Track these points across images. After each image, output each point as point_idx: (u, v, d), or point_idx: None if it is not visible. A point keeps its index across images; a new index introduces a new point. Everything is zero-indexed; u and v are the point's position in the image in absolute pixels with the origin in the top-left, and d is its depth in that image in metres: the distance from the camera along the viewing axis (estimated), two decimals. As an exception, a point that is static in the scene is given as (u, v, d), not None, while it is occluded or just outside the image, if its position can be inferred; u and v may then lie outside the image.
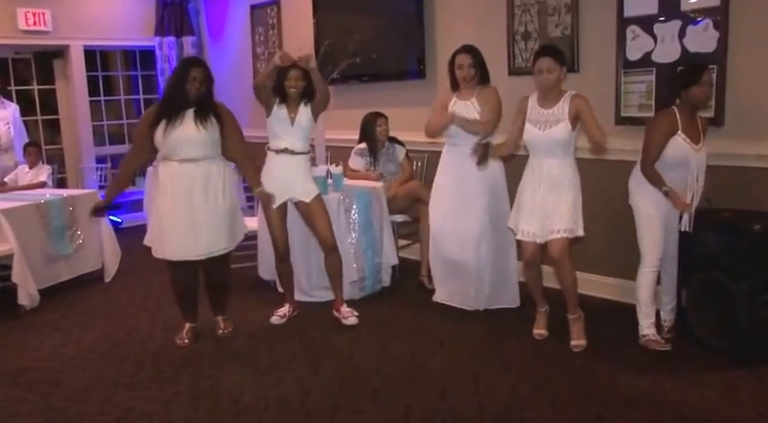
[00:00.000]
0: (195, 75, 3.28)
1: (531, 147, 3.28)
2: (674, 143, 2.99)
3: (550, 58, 3.11)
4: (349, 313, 3.71)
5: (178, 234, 3.31)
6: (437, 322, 3.67)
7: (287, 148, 3.59)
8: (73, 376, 3.17)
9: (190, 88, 3.27)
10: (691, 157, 3.00)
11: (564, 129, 3.12)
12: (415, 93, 4.80)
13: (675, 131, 2.98)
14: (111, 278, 4.74)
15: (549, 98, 3.17)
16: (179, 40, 6.75)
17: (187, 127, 3.28)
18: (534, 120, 3.20)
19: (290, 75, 3.52)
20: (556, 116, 3.14)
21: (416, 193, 4.36)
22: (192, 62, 3.37)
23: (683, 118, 2.99)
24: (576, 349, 3.19)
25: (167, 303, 4.21)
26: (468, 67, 3.59)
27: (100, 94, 6.80)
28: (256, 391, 2.93)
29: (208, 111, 3.34)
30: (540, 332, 3.41)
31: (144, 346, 3.53)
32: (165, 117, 3.28)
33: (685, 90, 2.96)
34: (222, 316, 3.68)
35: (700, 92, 2.95)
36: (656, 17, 3.52)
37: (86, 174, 6.52)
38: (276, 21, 6.07)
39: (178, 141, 3.27)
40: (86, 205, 4.59)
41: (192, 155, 3.29)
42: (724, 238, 3.02)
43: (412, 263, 4.57)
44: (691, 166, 3.01)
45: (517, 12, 4.18)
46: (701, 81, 2.94)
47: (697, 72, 2.96)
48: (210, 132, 3.33)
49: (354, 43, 4.89)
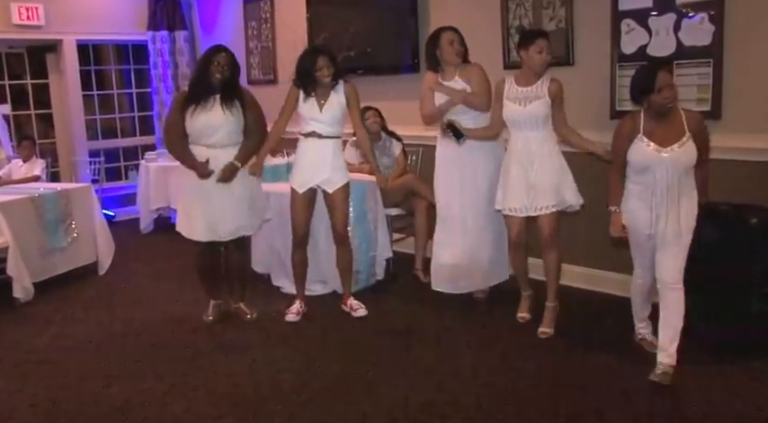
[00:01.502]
0: (219, 59, 3.36)
1: (511, 123, 3.33)
2: (635, 147, 2.76)
3: (545, 39, 3.24)
4: (358, 305, 3.69)
5: (206, 216, 3.41)
6: (432, 315, 3.65)
7: (314, 131, 3.54)
8: (69, 368, 3.12)
9: (213, 71, 3.34)
10: (653, 161, 2.71)
11: (545, 104, 3.21)
12: (409, 86, 4.75)
13: (636, 135, 2.75)
14: (105, 271, 4.70)
15: (528, 78, 3.28)
16: (172, 34, 6.67)
17: (215, 112, 3.36)
18: (513, 97, 3.29)
19: (320, 63, 3.45)
20: (535, 93, 3.25)
21: (411, 186, 4.32)
22: (216, 49, 3.45)
23: (648, 120, 2.74)
24: (542, 336, 3.26)
25: (162, 295, 4.18)
26: (457, 42, 3.53)
27: (93, 89, 6.71)
28: (254, 384, 2.90)
29: (233, 96, 3.40)
30: (522, 315, 3.52)
31: (140, 337, 3.49)
32: (194, 102, 3.36)
33: (645, 97, 2.71)
34: (243, 302, 3.70)
35: (659, 99, 2.66)
36: (650, 10, 3.50)
37: (80, 167, 6.44)
38: (269, 15, 6.00)
39: (205, 127, 3.36)
40: (80, 199, 4.62)
41: (219, 140, 3.38)
42: (722, 231, 3.00)
43: (406, 256, 4.54)
44: (653, 170, 2.72)
45: (511, 5, 4.15)
46: (658, 87, 2.64)
47: (650, 80, 2.66)
48: (236, 117, 3.40)
49: (349, 37, 4.84)
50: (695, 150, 2.70)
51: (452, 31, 3.56)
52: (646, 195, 2.78)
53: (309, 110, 3.53)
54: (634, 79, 2.78)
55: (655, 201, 2.75)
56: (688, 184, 2.76)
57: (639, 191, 2.80)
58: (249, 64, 6.29)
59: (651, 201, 2.76)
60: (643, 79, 2.70)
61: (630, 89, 2.79)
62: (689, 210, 2.76)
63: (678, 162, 2.69)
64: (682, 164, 2.70)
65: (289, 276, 4.14)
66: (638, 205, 2.81)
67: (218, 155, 3.39)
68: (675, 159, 2.69)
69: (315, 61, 3.46)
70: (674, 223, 2.74)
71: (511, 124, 3.35)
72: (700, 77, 3.37)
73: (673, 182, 2.72)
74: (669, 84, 2.66)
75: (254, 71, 6.28)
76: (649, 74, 2.69)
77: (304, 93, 3.53)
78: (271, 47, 6.04)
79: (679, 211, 2.74)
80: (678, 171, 2.71)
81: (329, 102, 3.52)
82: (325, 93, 3.53)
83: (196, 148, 3.42)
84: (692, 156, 2.70)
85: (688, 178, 2.76)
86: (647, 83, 2.67)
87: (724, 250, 2.99)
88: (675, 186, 2.72)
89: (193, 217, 3.46)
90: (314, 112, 3.52)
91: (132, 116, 7.03)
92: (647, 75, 2.70)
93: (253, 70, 6.28)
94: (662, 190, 2.73)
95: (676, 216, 2.74)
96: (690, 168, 2.73)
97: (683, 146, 2.69)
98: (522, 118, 3.27)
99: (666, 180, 2.71)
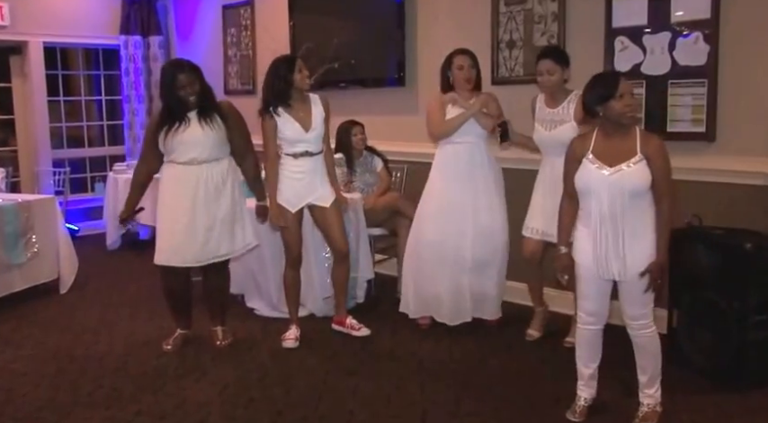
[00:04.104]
0: (182, 81, 3.28)
1: (539, 146, 3.44)
2: (581, 168, 2.56)
3: (551, 60, 3.29)
4: (358, 325, 3.67)
5: (178, 239, 3.33)
6: (415, 340, 3.63)
7: (306, 150, 3.50)
8: (24, 395, 3.04)
9: (183, 95, 3.29)
10: (595, 182, 2.49)
11: (570, 129, 3.21)
12: (394, 101, 4.80)
13: (585, 153, 2.55)
14: (67, 289, 4.61)
15: (555, 98, 3.35)
16: (145, 39, 6.66)
17: (192, 128, 3.32)
18: (541, 119, 3.39)
19: (299, 65, 3.42)
20: (561, 116, 3.30)
21: (396, 205, 4.32)
22: (174, 68, 3.35)
23: (600, 139, 2.55)
24: (567, 345, 3.34)
25: (127, 316, 4.11)
26: (468, 67, 3.61)
27: (59, 94, 6.63)
28: (225, 412, 2.84)
29: (211, 110, 3.35)
30: (531, 332, 3.56)
31: (102, 361, 3.42)
32: (168, 123, 3.31)
33: (602, 105, 2.50)
34: (222, 326, 3.64)
35: (620, 105, 2.47)
36: (645, 28, 3.57)
37: (42, 178, 6.33)
38: (250, 22, 6.02)
39: (182, 143, 3.30)
40: (42, 212, 4.53)
41: (197, 156, 3.32)
42: (715, 256, 3.05)
43: (388, 279, 4.54)
44: (595, 193, 2.50)
45: (502, 19, 4.21)
46: (619, 93, 2.47)
47: (612, 84, 2.50)
48: (216, 132, 3.35)
49: (333, 48, 4.87)
50: (647, 176, 2.45)
51: (465, 54, 3.64)
52: (589, 224, 2.55)
53: (293, 132, 3.46)
54: (592, 85, 2.56)
55: (597, 229, 2.51)
56: (641, 219, 2.48)
57: (585, 218, 2.58)
58: (227, 73, 6.30)
59: (594, 229, 2.53)
60: (604, 84, 2.53)
61: (587, 97, 2.55)
62: (642, 251, 2.48)
63: (623, 185, 2.44)
64: (627, 188, 2.44)
65: (264, 298, 4.12)
66: (584, 233, 2.59)
67: (198, 172, 3.32)
68: (620, 181, 2.44)
69: (293, 64, 3.42)
70: (621, 263, 2.50)
71: (539, 147, 3.45)
72: (694, 98, 3.43)
73: (617, 211, 2.46)
74: (631, 92, 2.52)
75: (231, 80, 6.28)
76: (611, 78, 2.55)
77: (276, 108, 3.43)
78: (250, 55, 6.05)
79: (625, 247, 2.47)
80: (623, 197, 2.45)
81: (314, 118, 3.49)
82: (302, 106, 3.49)
83: (174, 167, 3.35)
84: (641, 180, 2.45)
85: (640, 210, 2.48)
86: (608, 87, 2.49)
87: (718, 276, 3.03)
88: (621, 216, 2.46)
89: (166, 237, 3.36)
90: (299, 133, 3.46)
91: (101, 125, 6.96)
92: (608, 79, 2.57)
93: (231, 79, 6.28)
94: (604, 217, 2.48)
95: (621, 255, 2.49)
96: (639, 197, 2.47)
97: (632, 167, 2.45)
98: (547, 142, 3.35)
99: (611, 205, 2.46)
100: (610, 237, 2.49)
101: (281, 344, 3.57)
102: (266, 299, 4.10)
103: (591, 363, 2.70)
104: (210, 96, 3.41)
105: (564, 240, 2.68)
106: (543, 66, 3.30)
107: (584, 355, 2.71)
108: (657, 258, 2.49)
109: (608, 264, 2.52)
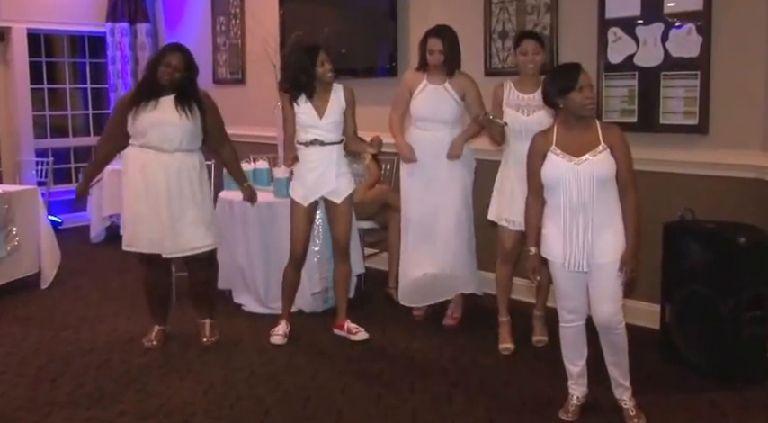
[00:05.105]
0: (171, 60, 3.25)
1: (513, 132, 3.32)
2: (547, 162, 2.59)
3: (534, 41, 3.29)
4: (356, 328, 3.62)
5: (156, 228, 3.29)
6: (406, 337, 3.63)
7: (316, 139, 3.45)
8: (2, 394, 3.01)
9: (162, 73, 3.23)
10: (564, 173, 2.54)
11: (547, 113, 3.17)
12: (385, 91, 4.72)
13: (549, 147, 2.59)
14: (48, 284, 4.56)
15: (529, 84, 3.30)
16: (132, 26, 6.59)
17: (165, 111, 3.25)
18: (515, 104, 3.30)
19: (322, 58, 3.37)
20: (537, 101, 3.22)
21: (386, 198, 4.30)
22: (170, 47, 3.36)
23: (562, 132, 2.61)
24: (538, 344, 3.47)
25: (110, 312, 4.08)
26: (438, 53, 3.49)
27: (43, 82, 6.56)
28: (210, 411, 2.83)
29: (190, 98, 3.30)
30: (506, 346, 3.44)
31: (84, 359, 3.39)
32: (138, 102, 3.25)
33: (563, 97, 2.56)
34: (210, 319, 3.60)
35: (580, 98, 2.53)
36: (637, 19, 3.55)
37: (24, 168, 6.27)
38: (239, 10, 5.96)
39: (154, 125, 3.22)
40: (23, 203, 4.48)
41: (170, 143, 3.26)
42: (708, 251, 3.05)
43: (379, 273, 4.52)
44: (565, 184, 2.53)
45: (495, 9, 4.19)
46: (579, 85, 2.53)
47: (572, 75, 2.55)
48: (192, 121, 3.30)
49: (323, 37, 4.81)
50: (612, 164, 2.53)
51: (437, 37, 3.51)
52: (558, 218, 2.57)
53: (308, 116, 3.42)
54: (553, 77, 2.63)
55: (566, 222, 2.54)
56: (608, 210, 2.54)
57: (553, 213, 2.60)
58: (216, 61, 6.24)
59: (563, 222, 2.55)
60: (564, 76, 2.58)
61: (548, 88, 2.61)
62: (610, 242, 2.53)
63: (591, 173, 2.51)
64: (595, 176, 2.51)
65: (252, 293, 4.10)
66: (552, 231, 2.60)
67: (168, 161, 3.27)
68: (588, 170, 2.51)
69: (315, 56, 3.37)
70: (593, 254, 2.52)
71: (510, 134, 3.34)
72: (687, 90, 3.43)
73: (586, 199, 2.51)
74: (590, 84, 2.57)
75: (220, 69, 6.22)
76: (571, 70, 2.58)
77: (299, 96, 3.40)
78: (239, 44, 6.00)
79: (594, 238, 2.52)
80: (591, 185, 2.51)
81: (330, 106, 3.45)
82: (322, 95, 3.45)
83: (143, 151, 3.27)
84: (607, 168, 2.53)
85: (607, 201, 2.54)
86: (568, 79, 2.54)
87: (711, 271, 3.03)
88: (590, 206, 2.51)
89: (141, 225, 3.31)
90: (313, 119, 3.43)
91: (86, 114, 6.89)
92: (568, 71, 2.59)
93: (219, 68, 6.23)
94: (573, 208, 2.53)
95: (591, 244, 2.52)
96: (607, 186, 2.54)
97: (597, 156, 2.53)
98: (525, 127, 3.24)
99: (579, 196, 2.52)
100: (579, 227, 2.53)
101: (269, 339, 3.55)
102: (254, 294, 4.09)
103: (578, 360, 2.70)
104: (193, 86, 3.36)
105: (533, 240, 2.69)
106: (528, 46, 3.26)
107: (570, 354, 2.71)
108: (629, 249, 2.54)
109: (578, 255, 2.54)
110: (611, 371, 2.66)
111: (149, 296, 3.55)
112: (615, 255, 2.54)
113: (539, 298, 3.57)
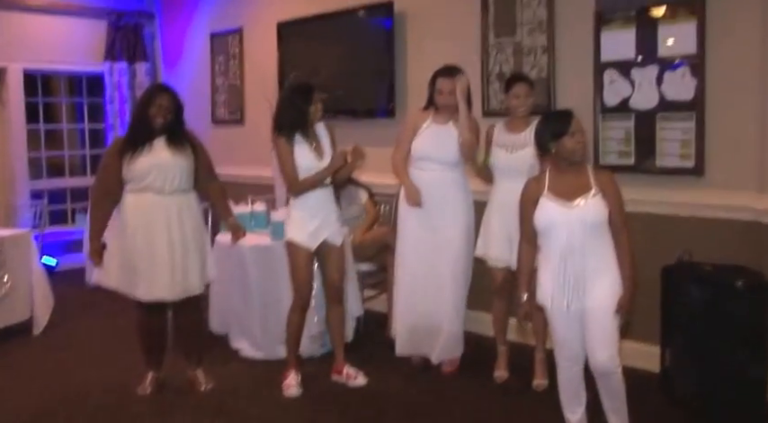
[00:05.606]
0: (162, 101, 3.27)
1: (499, 170, 3.49)
2: (540, 208, 2.64)
3: (526, 84, 3.46)
4: (354, 373, 3.61)
5: (155, 272, 3.27)
6: (405, 383, 3.61)
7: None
8: (-8, 446, 2.99)
9: (155, 115, 3.25)
10: (557, 218, 2.58)
11: (532, 152, 3.21)
12: (384, 132, 4.81)
13: (541, 193, 2.65)
14: (41, 329, 4.53)
15: (518, 124, 3.47)
16: (131, 66, 6.65)
17: (159, 153, 3.27)
18: (502, 143, 3.47)
19: (316, 98, 3.41)
20: (523, 140, 3.38)
21: (385, 240, 4.31)
22: (157, 88, 3.41)
23: (554, 178, 2.66)
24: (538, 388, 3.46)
25: (104, 358, 4.05)
26: (448, 93, 3.52)
27: (39, 122, 6.60)
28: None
29: (181, 137, 3.34)
30: (500, 374, 3.56)
31: (76, 409, 3.36)
32: (132, 147, 3.26)
33: (555, 142, 2.61)
34: (201, 368, 3.58)
35: (572, 142, 2.59)
36: (633, 62, 3.62)
37: (19, 211, 6.22)
38: (238, 50, 6.07)
39: (152, 166, 3.24)
40: (16, 247, 4.46)
41: (168, 184, 3.28)
42: (706, 293, 3.06)
43: (378, 316, 4.51)
44: (557, 229, 2.58)
45: (492, 51, 4.27)
46: (571, 130, 2.60)
47: (564, 120, 2.63)
48: (187, 161, 3.33)
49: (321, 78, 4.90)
50: (604, 208, 2.57)
51: (447, 76, 3.54)
52: (552, 263, 2.60)
53: (307, 159, 3.42)
54: (545, 122, 2.70)
55: (559, 267, 2.57)
56: (601, 254, 2.57)
57: (547, 259, 2.63)
58: (214, 102, 6.34)
59: (556, 267, 2.58)
60: (557, 121, 2.65)
61: (540, 133, 2.68)
62: (604, 286, 2.55)
63: (584, 218, 2.55)
64: (588, 220, 2.55)
65: (249, 338, 4.08)
66: (546, 276, 2.63)
67: (168, 202, 3.28)
68: (581, 215, 2.56)
69: (311, 96, 3.41)
70: (587, 298, 2.55)
71: (497, 171, 3.49)
72: (683, 132, 3.48)
73: (579, 244, 2.55)
74: (581, 130, 2.63)
75: (219, 109, 6.31)
76: (564, 116, 2.66)
77: (293, 136, 3.41)
78: (239, 84, 6.10)
79: (588, 283, 2.55)
80: (585, 230, 2.55)
81: (323, 146, 3.49)
82: (314, 136, 3.49)
83: (142, 196, 3.27)
84: (600, 212, 2.56)
85: (600, 245, 2.58)
86: (560, 125, 2.61)
87: (710, 314, 3.03)
88: (583, 251, 2.55)
89: (140, 271, 3.28)
90: (313, 161, 3.43)
91: (83, 154, 6.94)
92: (561, 116, 2.67)
93: (218, 109, 6.32)
94: (566, 253, 2.55)
95: (585, 289, 2.55)
96: (600, 230, 2.57)
97: (590, 200, 2.57)
98: (510, 164, 3.40)
99: (572, 240, 2.55)
100: (573, 272, 2.56)
101: (283, 393, 3.47)
102: (251, 339, 4.06)
103: (577, 407, 2.70)
104: (182, 125, 3.39)
105: (525, 287, 2.71)
106: (520, 89, 3.42)
107: (568, 402, 2.71)
108: (625, 293, 2.56)
109: (572, 300, 2.57)
110: (609, 418, 2.65)
111: (144, 342, 3.53)
112: (610, 299, 2.55)
113: (538, 340, 3.56)
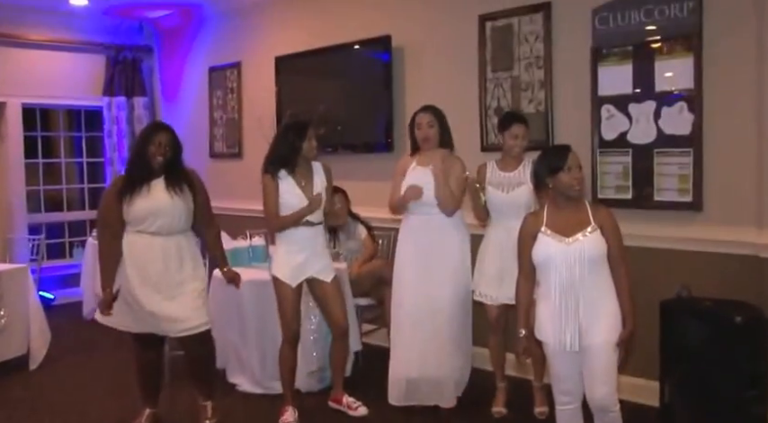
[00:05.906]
0: (161, 139, 3.28)
1: (494, 210, 3.51)
2: (538, 243, 2.66)
3: (522, 124, 3.50)
4: (355, 403, 3.62)
5: (155, 309, 3.24)
6: (404, 419, 3.58)
7: (307, 219, 3.49)
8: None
9: (154, 153, 3.26)
10: (555, 253, 2.60)
11: (527, 191, 3.35)
12: (382, 166, 4.86)
13: (539, 228, 2.67)
14: (37, 364, 4.51)
15: (511, 163, 3.51)
16: (130, 100, 6.73)
17: (158, 195, 3.26)
18: (496, 183, 3.50)
19: (310, 134, 3.44)
20: (518, 179, 3.43)
21: (381, 273, 4.33)
22: (155, 126, 3.42)
23: (552, 213, 2.69)
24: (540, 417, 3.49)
25: (100, 394, 4.03)
26: (426, 125, 3.56)
27: (38, 156, 6.66)
28: None
29: (180, 177, 3.34)
30: (498, 410, 3.55)
31: (73, 447, 3.34)
32: (130, 188, 3.26)
33: (552, 177, 2.66)
34: (211, 401, 3.50)
35: (568, 178, 2.63)
36: (630, 97, 3.68)
37: (16, 245, 6.24)
38: (236, 85, 6.16)
39: (150, 211, 3.25)
40: (12, 282, 4.45)
41: (167, 225, 3.27)
42: (705, 329, 3.07)
43: (377, 350, 4.49)
44: (555, 263, 2.59)
45: (490, 85, 4.34)
46: (568, 165, 2.63)
47: (561, 156, 2.66)
48: (185, 201, 3.32)
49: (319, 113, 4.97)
50: (603, 243, 2.59)
51: (425, 111, 3.62)
52: (550, 299, 2.61)
53: (296, 197, 3.45)
54: (543, 157, 2.73)
55: (558, 302, 2.58)
56: (600, 289, 2.59)
57: (546, 294, 2.64)
58: (213, 136, 6.40)
59: (555, 303, 2.59)
60: (554, 156, 2.69)
61: (537, 168, 2.72)
62: (603, 322, 2.56)
63: (582, 253, 2.56)
64: (587, 256, 2.56)
65: (246, 373, 4.07)
66: (545, 312, 2.64)
67: (166, 244, 3.28)
68: (579, 250, 2.57)
69: (305, 132, 3.44)
70: (586, 334, 2.55)
71: (492, 210, 3.51)
72: (680, 167, 3.52)
73: (578, 279, 2.56)
74: (579, 165, 2.67)
75: (217, 144, 6.37)
76: (561, 151, 2.70)
77: (278, 172, 3.44)
78: (237, 118, 6.17)
79: (586, 318, 2.55)
80: (583, 265, 2.56)
81: (315, 186, 3.51)
82: (305, 174, 3.51)
83: (140, 236, 3.28)
84: (598, 248, 2.58)
85: (599, 280, 2.59)
86: (557, 160, 2.65)
87: (709, 350, 3.04)
88: (582, 286, 2.55)
89: (132, 308, 3.28)
90: (303, 201, 3.44)
91: (81, 188, 6.98)
92: (558, 152, 2.71)
93: (216, 143, 6.38)
94: (565, 288, 2.56)
95: (584, 325, 2.55)
96: (598, 265, 2.59)
97: (588, 236, 2.59)
98: (505, 204, 3.42)
99: (570, 275, 2.56)
100: (571, 307, 2.57)
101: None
102: (249, 374, 4.05)
103: None
104: (181, 164, 3.40)
105: (523, 322, 2.71)
106: (519, 130, 3.47)
107: None
108: (626, 328, 2.57)
109: (571, 335, 2.56)
110: None
111: (141, 377, 3.51)
112: (608, 335, 2.56)
113: (536, 370, 3.57)
